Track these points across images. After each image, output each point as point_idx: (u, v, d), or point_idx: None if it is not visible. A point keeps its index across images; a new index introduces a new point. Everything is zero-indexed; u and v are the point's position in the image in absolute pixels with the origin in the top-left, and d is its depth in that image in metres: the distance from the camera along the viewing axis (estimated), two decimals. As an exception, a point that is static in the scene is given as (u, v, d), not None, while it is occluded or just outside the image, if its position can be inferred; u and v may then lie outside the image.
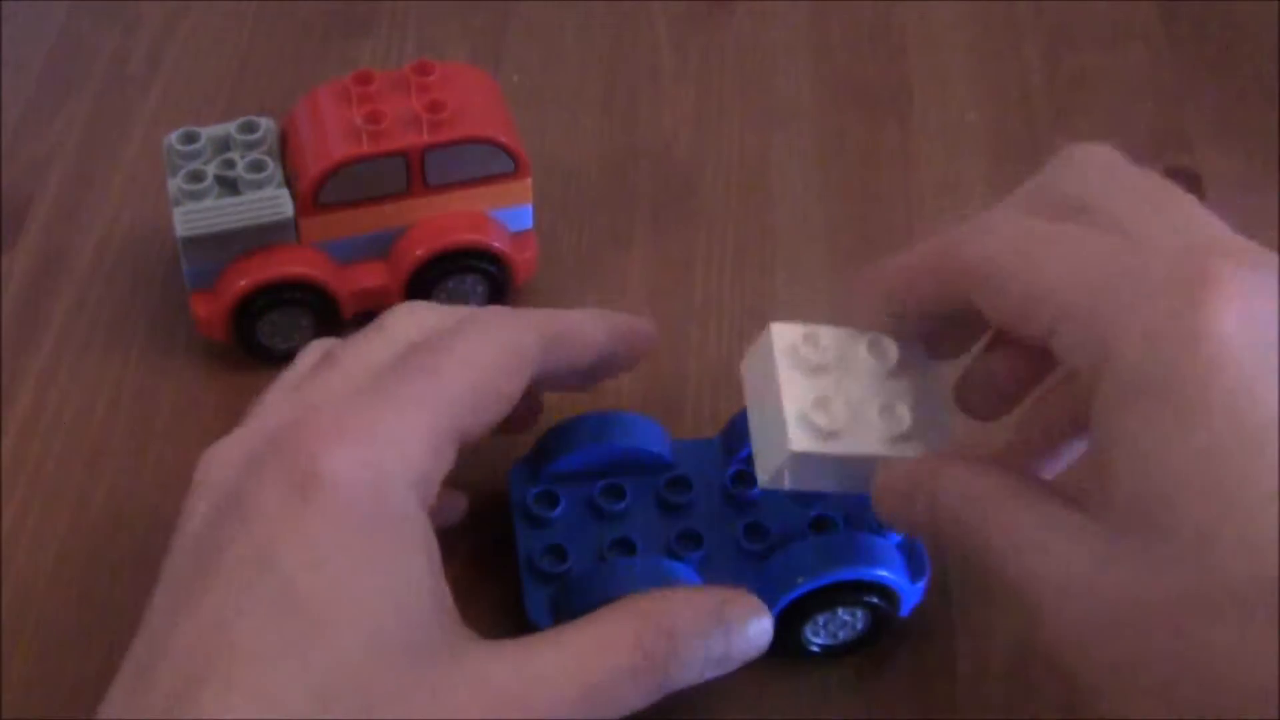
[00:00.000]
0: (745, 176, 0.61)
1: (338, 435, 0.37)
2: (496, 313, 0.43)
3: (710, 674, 0.41)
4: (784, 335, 0.42)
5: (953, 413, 0.43)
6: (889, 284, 0.41)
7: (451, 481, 0.46)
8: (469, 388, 0.40)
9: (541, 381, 0.43)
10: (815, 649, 0.46)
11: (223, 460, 0.39)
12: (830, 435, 0.41)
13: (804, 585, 0.43)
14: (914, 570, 0.45)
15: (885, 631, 0.46)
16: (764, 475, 0.42)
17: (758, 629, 0.41)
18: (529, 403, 0.46)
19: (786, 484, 0.42)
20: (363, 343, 0.42)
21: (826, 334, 0.42)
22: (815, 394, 0.41)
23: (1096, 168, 0.40)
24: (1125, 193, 0.39)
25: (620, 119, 0.63)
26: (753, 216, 0.60)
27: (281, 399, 0.42)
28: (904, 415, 0.41)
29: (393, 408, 0.38)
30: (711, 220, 0.59)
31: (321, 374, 0.41)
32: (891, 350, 0.42)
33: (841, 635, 0.46)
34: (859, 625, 0.45)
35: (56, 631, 0.47)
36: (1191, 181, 0.61)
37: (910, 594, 0.45)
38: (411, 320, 0.43)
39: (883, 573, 0.44)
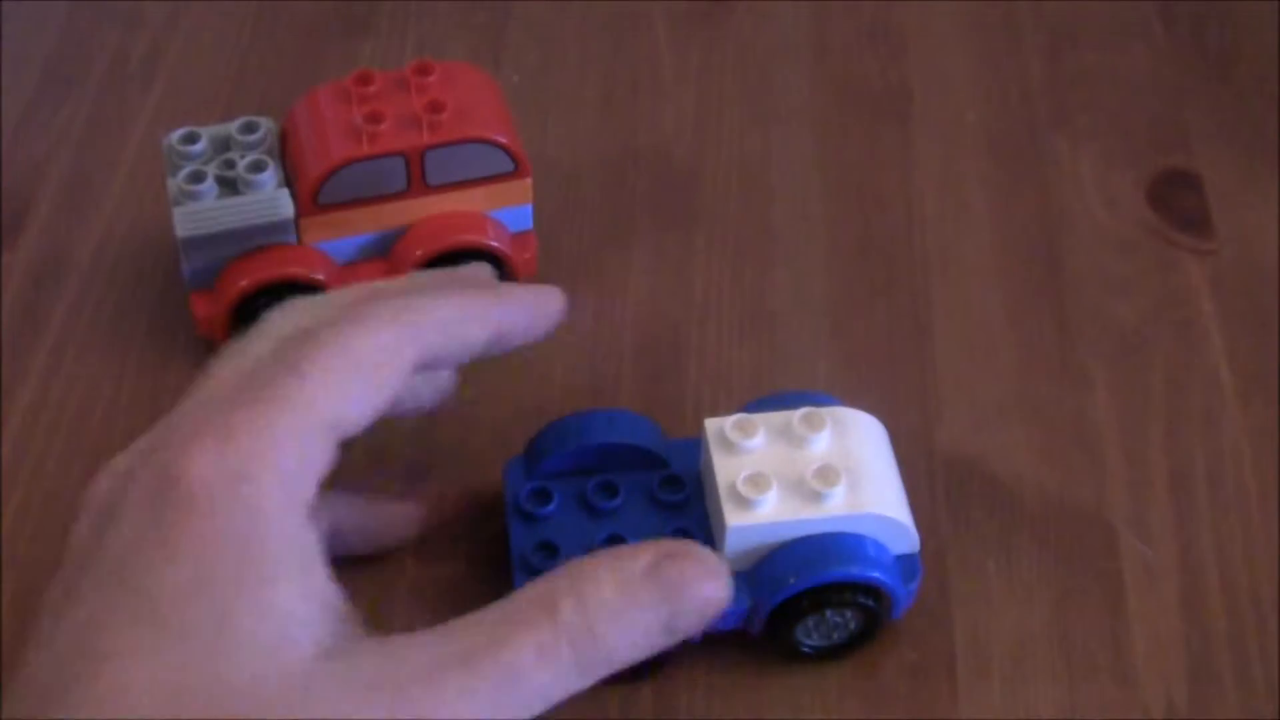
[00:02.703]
0: (745, 176, 0.61)
1: (196, 440, 0.37)
2: (373, 299, 0.41)
3: (660, 643, 0.37)
4: (714, 426, 0.46)
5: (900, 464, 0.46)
6: None
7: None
8: (338, 381, 0.38)
9: (433, 364, 0.42)
10: (808, 650, 0.46)
11: (102, 479, 0.40)
12: (761, 506, 0.44)
13: (796, 585, 0.43)
14: (907, 572, 0.45)
15: (876, 633, 0.46)
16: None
17: (712, 588, 0.38)
18: (437, 384, 0.46)
19: (744, 565, 0.45)
20: (236, 348, 0.42)
21: (756, 418, 0.46)
22: (746, 472, 0.44)
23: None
24: None
25: (620, 119, 0.63)
26: (753, 216, 0.60)
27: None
28: (836, 475, 0.44)
29: (255, 407, 0.37)
30: (711, 220, 0.59)
31: (195, 385, 0.41)
32: (822, 420, 0.45)
33: (835, 637, 0.46)
34: (851, 626, 0.45)
35: (56, 631, 0.47)
36: (1191, 181, 0.61)
37: (903, 596, 0.45)
38: (288, 319, 0.42)
39: (875, 574, 0.44)
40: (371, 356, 0.39)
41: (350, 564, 0.48)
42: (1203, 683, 0.46)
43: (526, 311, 0.44)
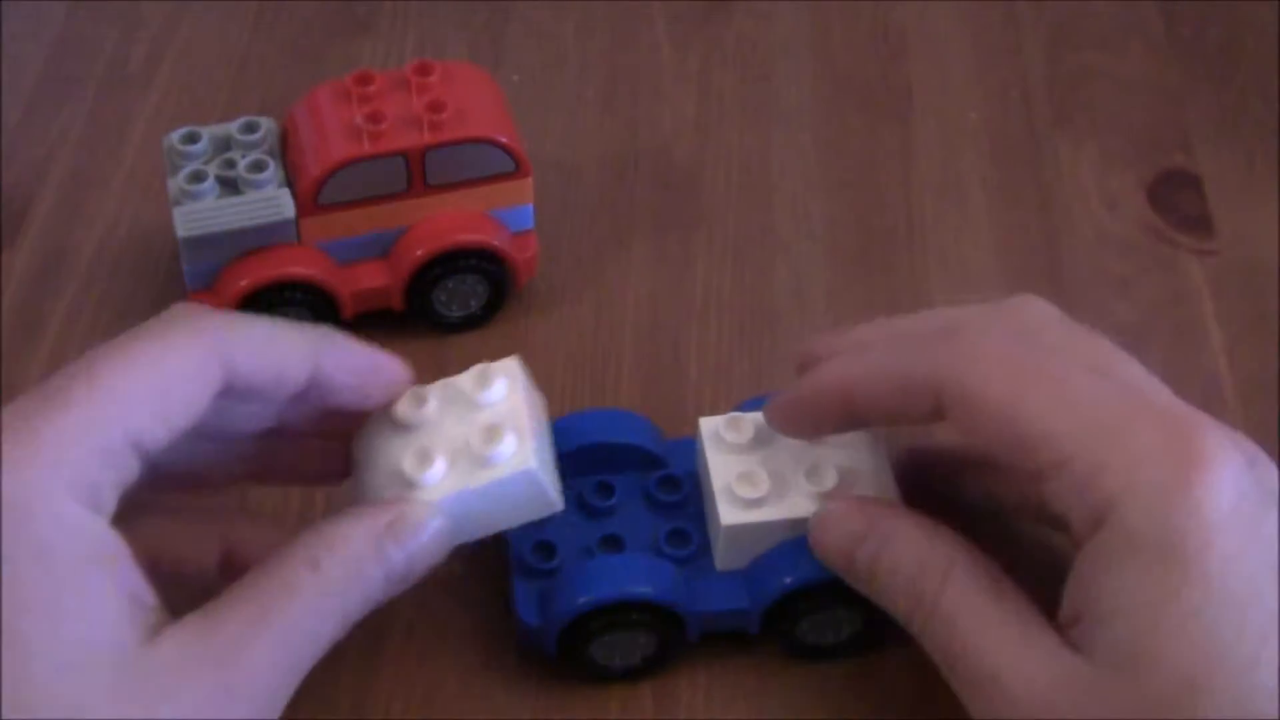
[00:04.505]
0: (745, 176, 0.61)
1: None
2: (175, 313, 0.40)
3: (396, 589, 0.41)
4: (709, 425, 0.46)
5: (891, 464, 0.46)
6: (848, 392, 0.42)
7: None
8: (131, 392, 0.37)
9: (244, 390, 0.40)
10: (807, 650, 0.46)
11: None
12: (755, 504, 0.44)
13: (792, 584, 0.44)
14: None
15: (883, 631, 0.46)
16: (719, 560, 0.45)
17: (431, 532, 0.41)
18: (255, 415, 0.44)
19: (740, 563, 0.45)
20: None
21: (750, 417, 0.45)
22: (740, 470, 0.44)
23: (1045, 313, 0.43)
24: (1083, 338, 0.42)
25: (620, 119, 0.63)
26: (753, 216, 0.60)
27: None
28: (830, 474, 0.44)
29: (43, 414, 0.37)
30: (711, 220, 0.59)
31: None
32: None
33: (834, 636, 0.46)
34: (851, 625, 0.45)
35: (56, 631, 0.47)
36: (1191, 181, 0.61)
37: None
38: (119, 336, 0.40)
39: None
40: (169, 370, 0.38)
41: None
42: (1203, 682, 0.46)
43: (352, 364, 0.42)
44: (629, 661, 0.45)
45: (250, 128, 0.52)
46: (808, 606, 0.44)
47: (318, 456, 0.45)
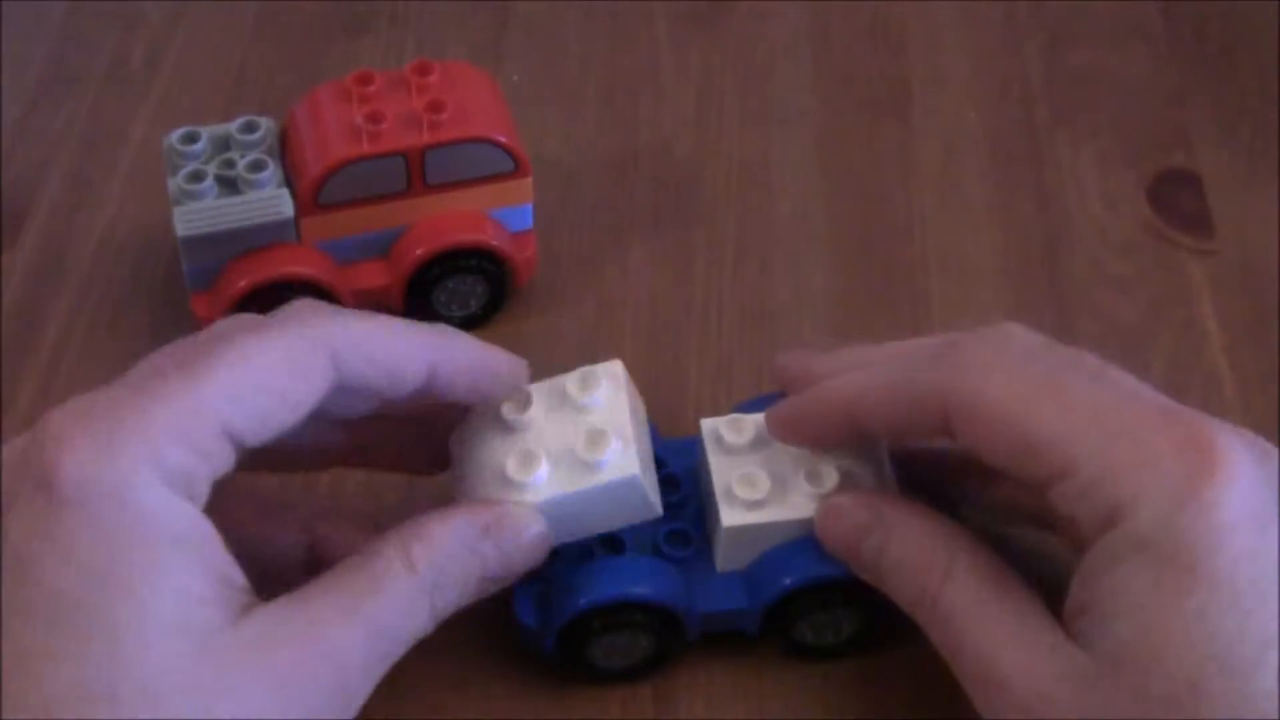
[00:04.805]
0: (745, 176, 0.61)
1: (76, 438, 0.36)
2: (291, 310, 0.40)
3: (490, 590, 0.41)
4: (710, 426, 0.46)
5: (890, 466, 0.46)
6: (850, 408, 0.42)
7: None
8: (232, 386, 0.38)
9: (358, 388, 0.40)
10: (808, 650, 0.46)
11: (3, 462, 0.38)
12: (756, 505, 0.44)
13: (792, 584, 0.44)
14: None
15: (884, 631, 0.46)
16: (719, 561, 0.45)
17: (531, 535, 0.41)
18: (419, 436, 0.45)
19: (740, 564, 0.45)
20: (179, 341, 0.41)
21: (751, 418, 0.45)
22: (741, 471, 0.44)
23: (1031, 335, 0.43)
24: (1074, 354, 0.42)
25: (620, 119, 0.63)
26: (753, 216, 0.60)
27: None
28: (830, 475, 0.44)
29: (140, 403, 0.37)
30: (711, 220, 0.59)
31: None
32: None
33: (834, 636, 0.46)
34: (851, 625, 0.45)
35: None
36: (1191, 182, 0.61)
37: None
38: (236, 319, 0.41)
39: None
40: (275, 367, 0.38)
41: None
42: (1203, 683, 0.46)
43: (471, 365, 0.42)
44: (629, 662, 0.45)
45: (250, 128, 0.52)
46: (807, 606, 0.44)
47: (417, 445, 0.45)
